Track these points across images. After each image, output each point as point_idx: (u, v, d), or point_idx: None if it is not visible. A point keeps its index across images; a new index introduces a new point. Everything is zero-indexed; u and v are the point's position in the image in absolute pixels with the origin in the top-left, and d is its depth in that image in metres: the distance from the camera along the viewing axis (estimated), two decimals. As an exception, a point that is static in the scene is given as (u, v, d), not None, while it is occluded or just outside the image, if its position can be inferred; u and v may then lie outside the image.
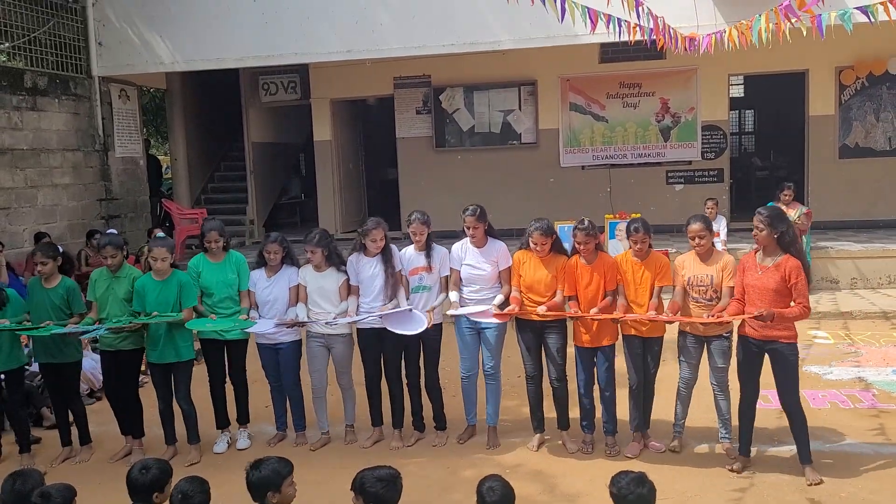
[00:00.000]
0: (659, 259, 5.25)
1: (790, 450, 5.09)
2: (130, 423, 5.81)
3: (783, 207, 9.32)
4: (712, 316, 4.92)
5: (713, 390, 5.27)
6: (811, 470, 4.85)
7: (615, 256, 5.48)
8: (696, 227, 5.09)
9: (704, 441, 5.47)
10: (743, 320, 4.91)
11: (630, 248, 5.31)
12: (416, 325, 5.43)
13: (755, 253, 4.92)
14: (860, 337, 8.07)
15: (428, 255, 5.56)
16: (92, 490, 4.90)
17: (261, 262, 5.74)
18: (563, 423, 5.56)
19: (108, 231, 8.93)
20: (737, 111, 16.88)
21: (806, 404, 6.01)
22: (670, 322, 5.16)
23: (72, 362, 5.77)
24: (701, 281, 5.09)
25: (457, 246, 5.62)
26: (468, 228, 5.49)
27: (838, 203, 11.50)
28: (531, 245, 5.33)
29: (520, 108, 12.43)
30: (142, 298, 5.50)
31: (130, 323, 5.44)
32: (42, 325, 5.48)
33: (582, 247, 5.25)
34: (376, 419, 5.80)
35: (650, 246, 5.31)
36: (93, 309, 5.66)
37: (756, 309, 4.72)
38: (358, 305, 5.58)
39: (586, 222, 5.28)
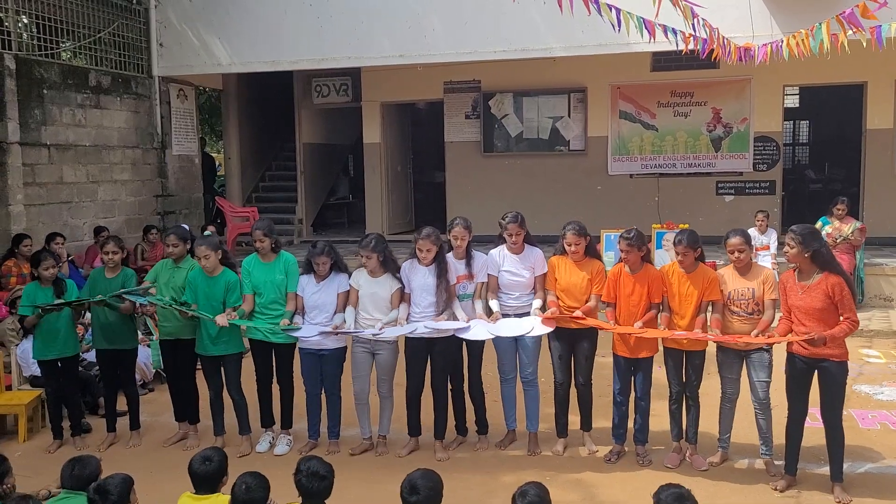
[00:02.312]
0: (707, 273, 5.19)
1: (837, 470, 5.01)
2: (186, 409, 6.02)
3: (836, 222, 9.16)
4: (761, 335, 4.87)
5: (753, 406, 5.21)
6: (840, 489, 4.81)
7: (662, 267, 5.45)
8: (735, 240, 5.05)
9: (747, 456, 5.40)
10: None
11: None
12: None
13: (794, 272, 4.85)
14: (914, 357, 7.88)
15: (469, 264, 5.53)
16: (143, 478, 5.05)
17: (309, 269, 5.68)
18: (587, 424, 5.64)
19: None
20: (791, 122, 16.57)
21: (855, 424, 5.96)
22: (716, 341, 5.10)
23: (129, 349, 5.99)
24: (742, 294, 5.05)
25: (494, 252, 5.61)
26: (510, 235, 5.49)
27: (894, 219, 11.20)
28: (565, 246, 5.39)
29: (569, 115, 12.41)
30: (193, 290, 5.71)
31: (171, 305, 5.63)
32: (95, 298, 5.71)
33: (624, 255, 5.25)
34: (414, 429, 5.70)
35: (701, 259, 5.24)
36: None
37: (805, 331, 4.67)
38: (409, 315, 5.51)
39: (633, 232, 5.27)
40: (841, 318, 4.67)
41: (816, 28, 6.59)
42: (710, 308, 5.19)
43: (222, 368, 5.81)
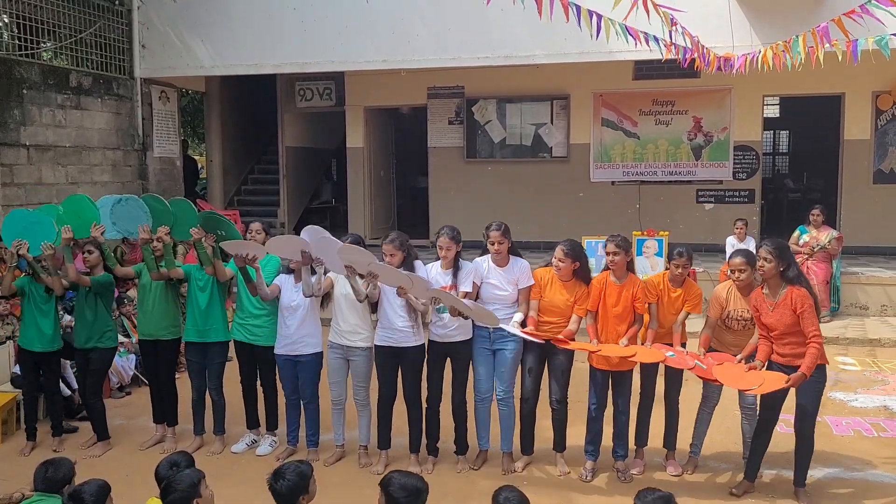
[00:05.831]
0: (693, 288, 5.23)
1: (811, 475, 5.04)
2: (166, 411, 5.98)
3: (814, 231, 9.28)
4: (742, 361, 4.88)
5: (741, 410, 5.25)
6: (804, 493, 4.87)
7: (650, 277, 5.42)
8: (736, 260, 4.97)
9: (722, 463, 5.45)
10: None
11: (667, 270, 5.30)
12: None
13: (761, 289, 4.84)
14: (888, 365, 7.97)
15: (455, 275, 5.31)
16: (119, 482, 5.00)
17: (288, 269, 5.62)
18: (560, 445, 5.44)
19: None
20: (771, 131, 16.76)
21: (829, 431, 6.04)
22: (703, 378, 5.03)
23: (104, 348, 5.84)
24: (741, 315, 5.02)
25: (479, 260, 5.43)
26: (493, 244, 5.28)
27: (871, 228, 11.36)
28: (553, 261, 5.21)
29: (552, 122, 12.48)
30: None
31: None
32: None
33: (611, 257, 5.12)
34: (384, 442, 5.52)
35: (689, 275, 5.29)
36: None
37: (788, 343, 4.72)
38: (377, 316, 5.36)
39: (619, 236, 5.21)
40: (808, 340, 4.63)
41: (793, 41, 6.67)
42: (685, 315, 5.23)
43: (206, 369, 5.80)
